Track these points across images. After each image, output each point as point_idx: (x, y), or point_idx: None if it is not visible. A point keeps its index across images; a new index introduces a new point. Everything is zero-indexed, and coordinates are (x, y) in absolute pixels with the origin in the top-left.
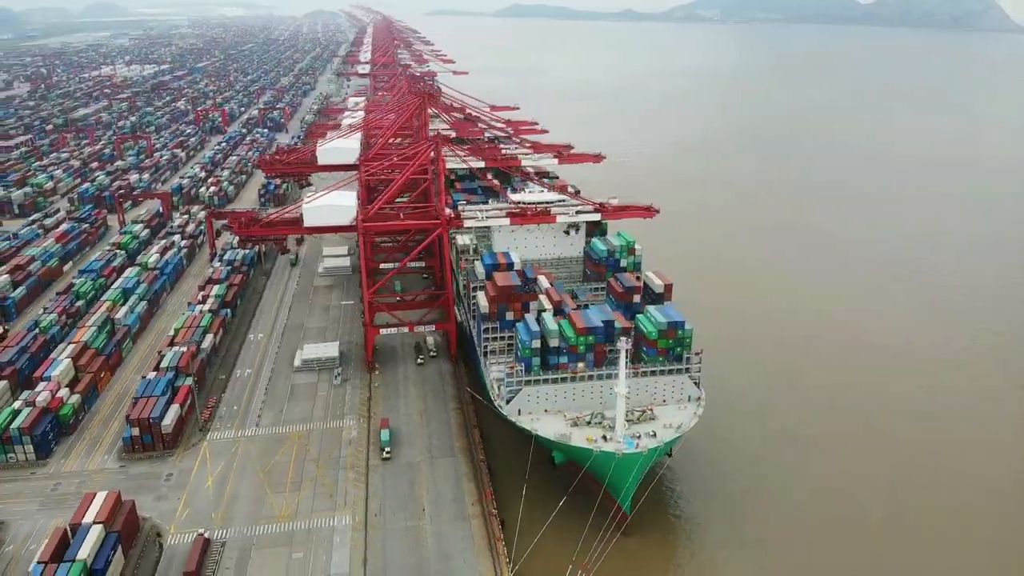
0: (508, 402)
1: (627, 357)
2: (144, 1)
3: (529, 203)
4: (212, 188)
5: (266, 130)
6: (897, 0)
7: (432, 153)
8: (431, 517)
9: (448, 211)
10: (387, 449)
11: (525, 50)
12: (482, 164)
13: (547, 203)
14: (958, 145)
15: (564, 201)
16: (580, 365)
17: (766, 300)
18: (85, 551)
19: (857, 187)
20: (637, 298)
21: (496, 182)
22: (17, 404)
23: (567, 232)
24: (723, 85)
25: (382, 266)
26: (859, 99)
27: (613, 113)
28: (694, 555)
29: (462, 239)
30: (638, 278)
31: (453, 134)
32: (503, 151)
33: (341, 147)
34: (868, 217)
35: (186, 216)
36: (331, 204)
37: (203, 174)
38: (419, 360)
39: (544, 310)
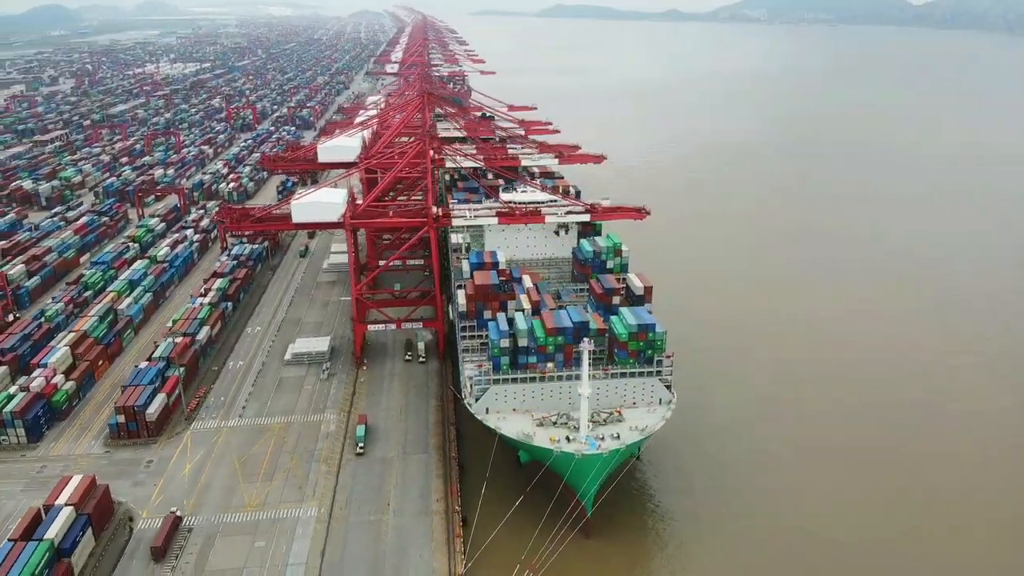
0: (477, 400)
1: (590, 358)
2: (197, 0)
3: (519, 203)
4: (232, 184)
5: (294, 128)
6: (950, 2)
7: (432, 152)
8: (395, 512)
9: (435, 209)
10: (361, 444)
11: (565, 50)
12: (483, 164)
13: (537, 203)
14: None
15: (555, 202)
16: (549, 365)
17: (764, 308)
18: (54, 531)
19: (895, 191)
20: (617, 300)
21: (501, 181)
22: (13, 389)
23: (557, 232)
24: (767, 87)
25: (381, 263)
26: (925, 103)
27: (648, 113)
28: (652, 558)
29: (456, 238)
30: (620, 280)
31: (464, 133)
32: (509, 151)
33: (341, 145)
34: (890, 220)
35: (202, 211)
36: (319, 201)
37: (225, 170)
38: (407, 357)
39: (522, 309)
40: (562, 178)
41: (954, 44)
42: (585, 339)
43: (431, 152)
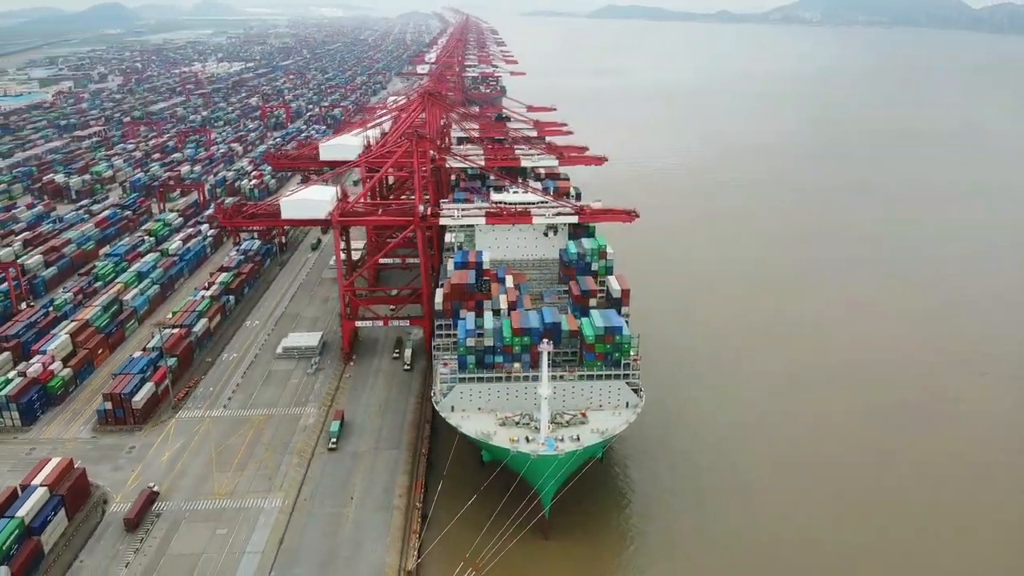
0: (444, 397)
1: (551, 360)
2: (253, 0)
3: (509, 204)
4: (254, 181)
5: (324, 127)
6: (1009, 7)
7: (433, 153)
8: (357, 505)
9: (422, 208)
10: (334, 440)
11: (608, 51)
12: (484, 164)
13: (526, 204)
14: None
15: (545, 203)
16: (516, 365)
17: (766, 309)
18: (25, 510)
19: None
20: (594, 302)
21: (506, 182)
22: (12, 374)
23: (546, 234)
24: (803, 89)
25: (382, 260)
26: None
27: (678, 115)
28: (608, 560)
29: (450, 237)
30: (600, 282)
31: (476, 134)
32: (516, 151)
33: (342, 144)
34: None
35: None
36: (307, 198)
37: (250, 167)
38: (395, 354)
39: (498, 309)
40: (566, 179)
41: (1013, 49)
42: (545, 341)
43: (432, 152)
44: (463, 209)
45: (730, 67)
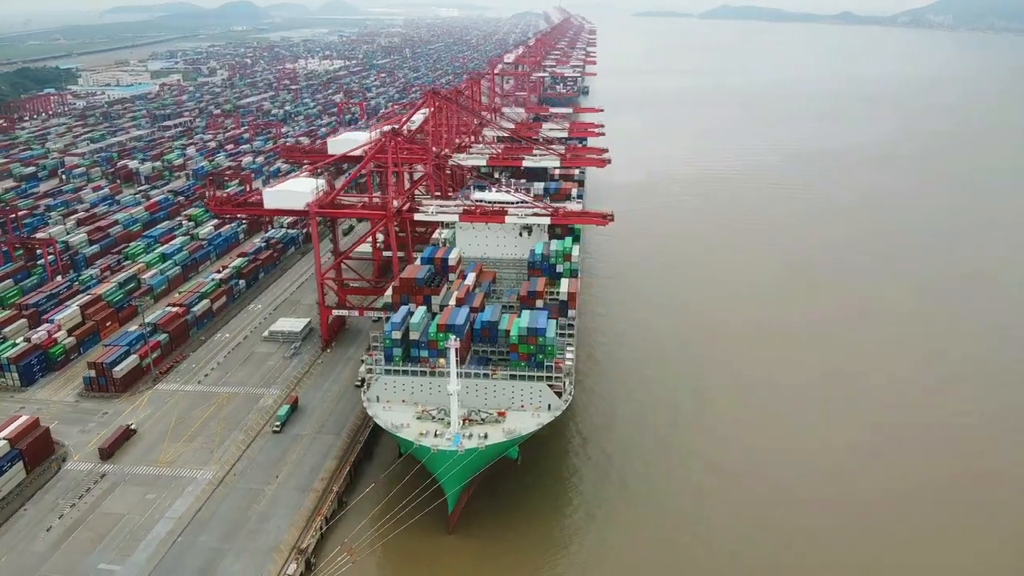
0: (369, 387)
1: (458, 356)
2: (377, 1)
3: (488, 202)
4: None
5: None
6: None
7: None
8: (280, 484)
9: (396, 203)
10: (278, 423)
11: (708, 51)
12: (486, 163)
13: (503, 203)
14: None
15: (522, 203)
16: (441, 360)
17: (753, 318)
18: None
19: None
20: (540, 303)
21: (523, 181)
22: (19, 340)
23: (520, 234)
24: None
25: (386, 253)
26: None
27: (754, 116)
28: (499, 559)
29: (437, 234)
30: (552, 284)
31: (505, 134)
32: (535, 152)
33: (349, 139)
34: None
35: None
36: (288, 189)
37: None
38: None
39: (445, 306)
40: (579, 181)
41: None
42: (452, 338)
43: (435, 150)
44: (441, 206)
45: (837, 70)
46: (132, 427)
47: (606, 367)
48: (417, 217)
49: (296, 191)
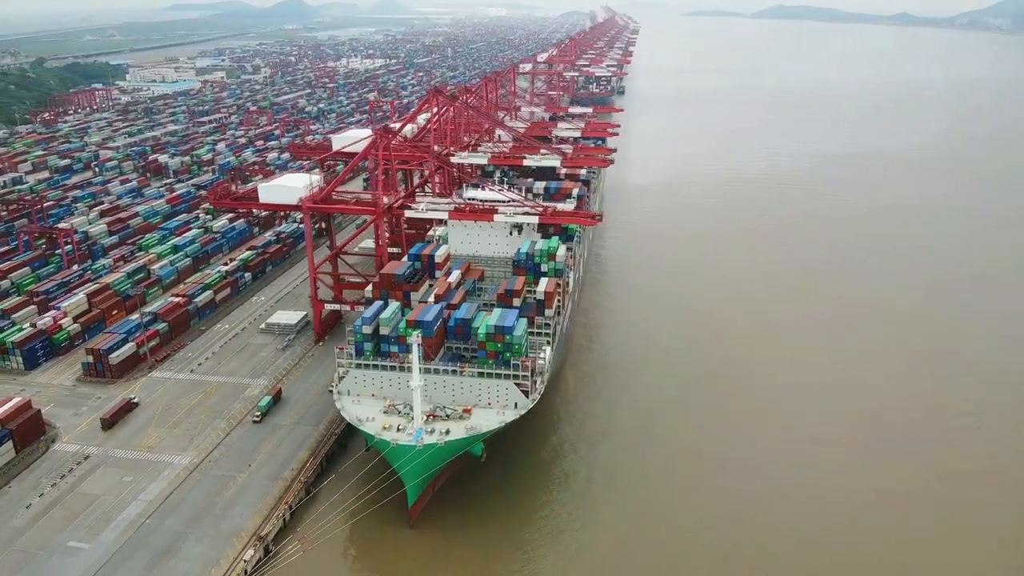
0: (340, 380)
1: (421, 351)
2: (427, 0)
3: (480, 201)
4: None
5: None
6: None
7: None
8: (252, 472)
9: (386, 200)
10: (258, 414)
11: (751, 52)
12: (488, 162)
13: (494, 202)
14: None
15: (512, 202)
16: (410, 356)
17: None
18: None
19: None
20: (517, 302)
21: (529, 180)
22: (26, 325)
23: (511, 233)
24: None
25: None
26: None
27: (780, 118)
28: (456, 552)
29: (432, 232)
30: (530, 283)
31: (521, 130)
32: (541, 151)
33: (352, 136)
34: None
35: None
36: (283, 184)
37: None
38: None
39: (423, 302)
40: (578, 180)
41: None
42: (415, 333)
43: (436, 147)
44: (432, 203)
45: (878, 72)
46: (134, 400)
47: (607, 367)
48: (408, 214)
49: (289, 186)
